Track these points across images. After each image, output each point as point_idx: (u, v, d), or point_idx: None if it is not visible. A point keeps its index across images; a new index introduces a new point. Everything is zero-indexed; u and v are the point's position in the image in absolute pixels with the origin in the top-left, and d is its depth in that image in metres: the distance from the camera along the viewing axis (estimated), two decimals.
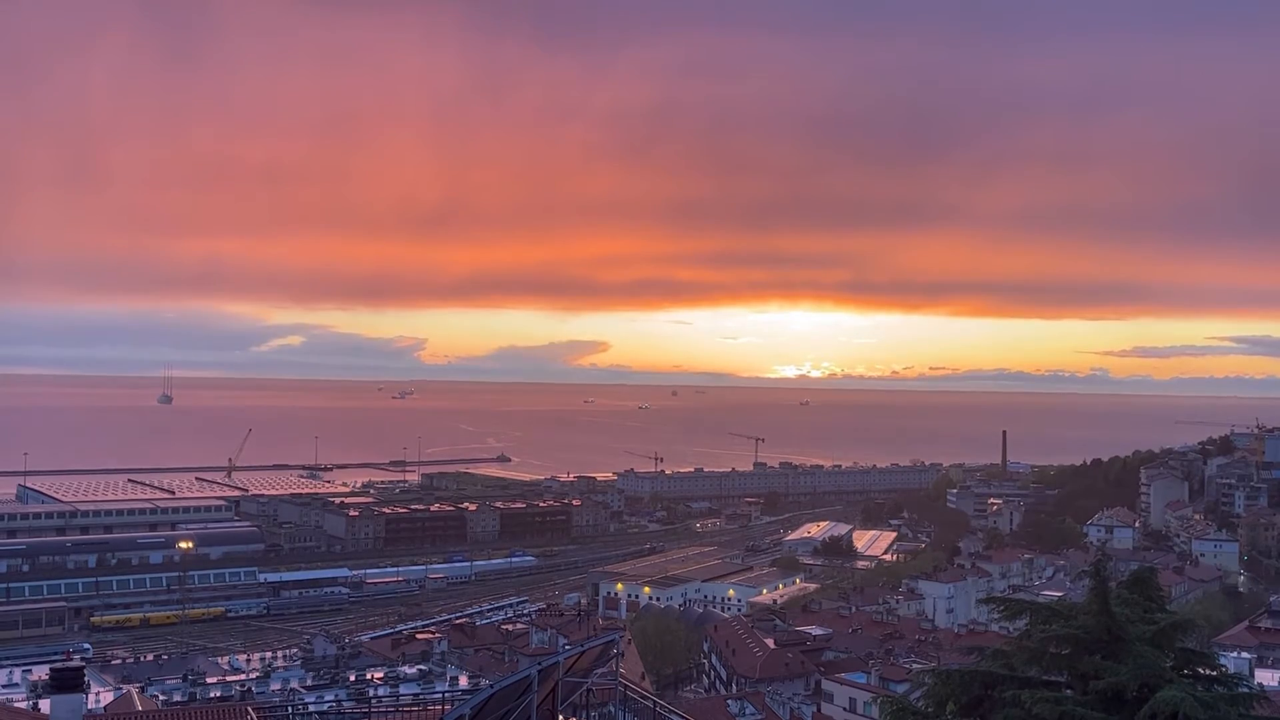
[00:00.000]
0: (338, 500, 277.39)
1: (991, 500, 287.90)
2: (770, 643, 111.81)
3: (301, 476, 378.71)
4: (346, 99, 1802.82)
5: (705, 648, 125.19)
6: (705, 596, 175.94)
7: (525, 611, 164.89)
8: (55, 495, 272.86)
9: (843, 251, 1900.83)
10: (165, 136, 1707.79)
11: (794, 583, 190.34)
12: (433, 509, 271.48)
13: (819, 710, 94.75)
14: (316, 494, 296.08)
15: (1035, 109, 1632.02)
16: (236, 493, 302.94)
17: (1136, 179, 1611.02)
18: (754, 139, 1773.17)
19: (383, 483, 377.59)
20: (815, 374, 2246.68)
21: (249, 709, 40.84)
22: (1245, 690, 21.96)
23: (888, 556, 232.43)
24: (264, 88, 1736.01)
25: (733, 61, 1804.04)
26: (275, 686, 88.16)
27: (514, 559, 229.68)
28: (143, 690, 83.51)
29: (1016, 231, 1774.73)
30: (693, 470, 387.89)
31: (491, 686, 23.32)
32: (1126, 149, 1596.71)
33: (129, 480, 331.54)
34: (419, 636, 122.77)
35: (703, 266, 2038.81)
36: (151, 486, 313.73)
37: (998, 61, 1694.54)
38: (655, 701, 36.51)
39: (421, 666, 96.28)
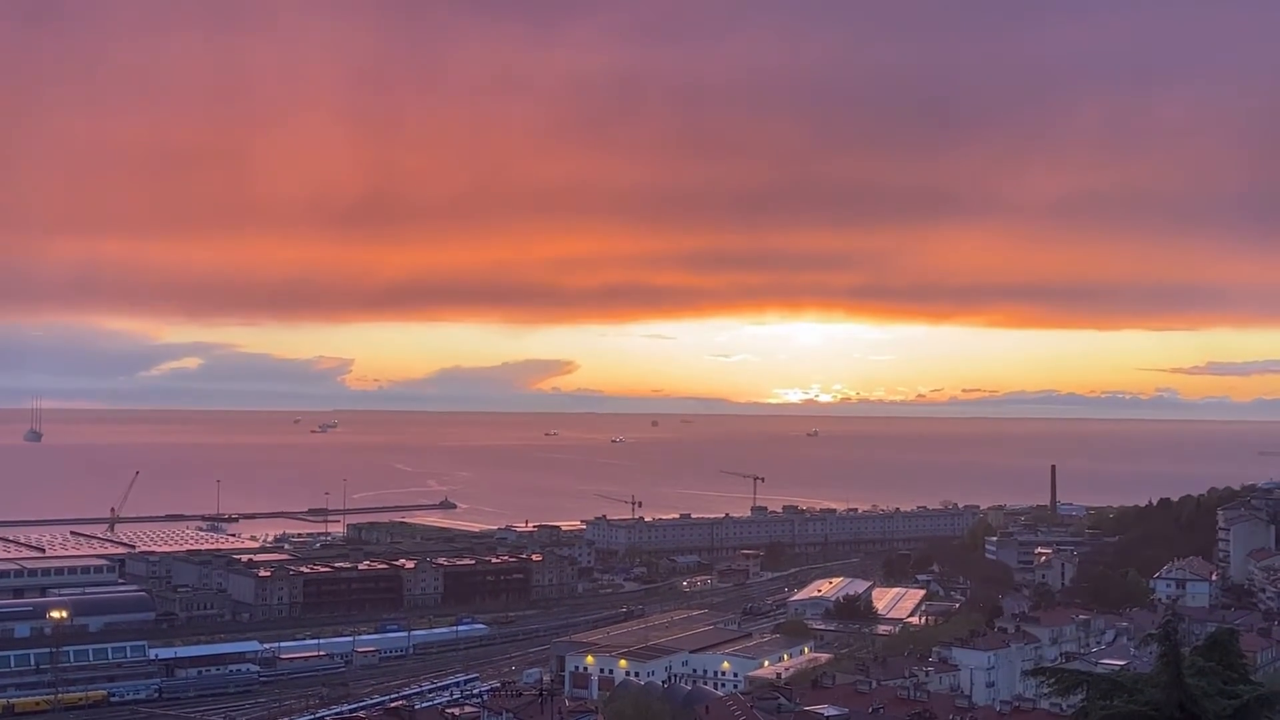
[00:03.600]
0: (245, 558, 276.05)
1: (1039, 550, 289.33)
2: None
3: (201, 529, 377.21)
4: (248, 69, 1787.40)
5: None
6: (694, 670, 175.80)
7: (475, 691, 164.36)
8: None
9: (855, 250, 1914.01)
10: (26, 116, 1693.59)
11: (802, 652, 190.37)
12: (361, 567, 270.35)
13: None
14: (219, 550, 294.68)
15: (1084, 78, 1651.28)
16: (121, 550, 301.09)
17: (1208, 161, 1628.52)
18: (744, 114, 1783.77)
19: (300, 536, 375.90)
20: (825, 398, 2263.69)
21: None
22: None
23: (915, 619, 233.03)
24: (146, 57, 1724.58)
25: (714, 20, 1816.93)
26: None
27: (461, 627, 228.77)
28: None
29: (1064, 225, 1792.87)
30: (678, 517, 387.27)
31: None
32: (1194, 125, 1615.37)
33: None
34: None
35: (686, 269, 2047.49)
36: (16, 543, 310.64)
37: (1038, 23, 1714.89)
38: None
39: None
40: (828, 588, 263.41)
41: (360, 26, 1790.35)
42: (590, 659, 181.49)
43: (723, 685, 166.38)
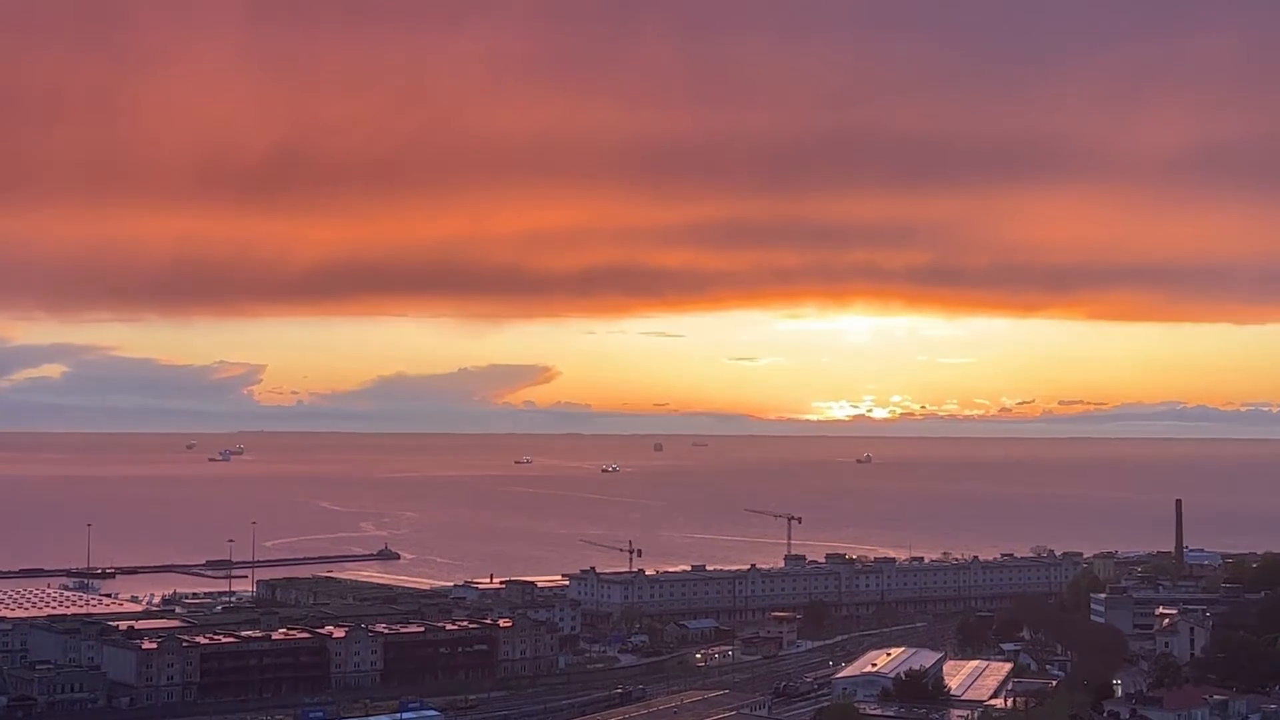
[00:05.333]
0: (124, 625, 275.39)
1: (1161, 611, 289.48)
2: None
3: (66, 588, 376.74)
4: None
5: None
6: None
7: None
8: None
9: (917, 220, 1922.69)
10: None
11: None
12: (276, 636, 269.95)
13: None
14: (89, 616, 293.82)
15: None
16: None
17: None
18: (770, 44, 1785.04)
19: (196, 596, 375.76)
20: (879, 413, 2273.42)
21: None
22: None
23: (998, 701, 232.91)
24: None
25: None
26: None
27: (406, 714, 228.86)
28: None
29: (1189, 186, 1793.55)
30: (689, 569, 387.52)
31: None
32: None
33: None
34: None
35: (696, 246, 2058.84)
36: None
37: None
38: None
39: None
40: (885, 660, 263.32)
41: None
42: None
43: None
